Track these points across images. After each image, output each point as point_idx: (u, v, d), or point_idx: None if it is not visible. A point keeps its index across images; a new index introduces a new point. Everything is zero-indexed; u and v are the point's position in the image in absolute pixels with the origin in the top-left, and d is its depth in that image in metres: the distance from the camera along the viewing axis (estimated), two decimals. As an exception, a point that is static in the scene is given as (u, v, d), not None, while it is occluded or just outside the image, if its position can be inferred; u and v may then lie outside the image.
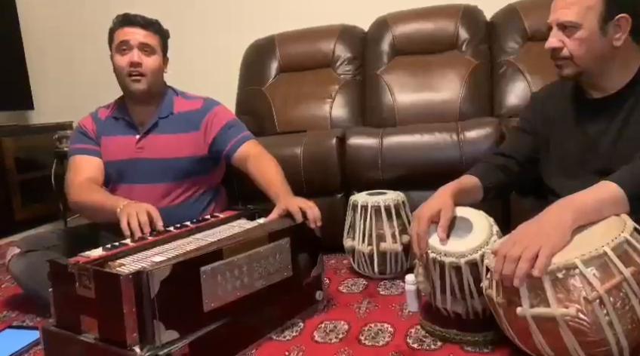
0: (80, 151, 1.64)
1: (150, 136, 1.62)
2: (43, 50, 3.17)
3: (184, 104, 1.68)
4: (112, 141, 1.64)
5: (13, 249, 1.52)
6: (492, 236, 1.13)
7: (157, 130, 1.62)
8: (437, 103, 2.17)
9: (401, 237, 1.59)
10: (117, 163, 1.61)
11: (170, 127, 1.63)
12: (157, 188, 1.59)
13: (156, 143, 1.61)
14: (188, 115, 1.65)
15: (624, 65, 1.14)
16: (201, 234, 1.32)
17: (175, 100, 1.68)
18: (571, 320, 0.87)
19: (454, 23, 2.27)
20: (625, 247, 0.90)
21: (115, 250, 1.18)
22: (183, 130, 1.63)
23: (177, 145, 1.61)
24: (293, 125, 2.28)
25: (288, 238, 1.29)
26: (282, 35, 2.54)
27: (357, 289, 1.56)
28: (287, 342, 1.23)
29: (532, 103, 1.39)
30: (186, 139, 1.63)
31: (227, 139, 1.63)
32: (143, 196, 1.56)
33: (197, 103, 1.69)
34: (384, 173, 1.80)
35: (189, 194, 1.64)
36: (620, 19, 1.09)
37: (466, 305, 1.15)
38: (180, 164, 1.61)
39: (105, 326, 1.04)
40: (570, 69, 1.14)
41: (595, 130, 1.19)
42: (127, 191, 1.59)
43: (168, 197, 1.61)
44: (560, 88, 1.30)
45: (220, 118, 1.66)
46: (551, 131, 1.28)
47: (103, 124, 1.66)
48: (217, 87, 2.59)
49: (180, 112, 1.66)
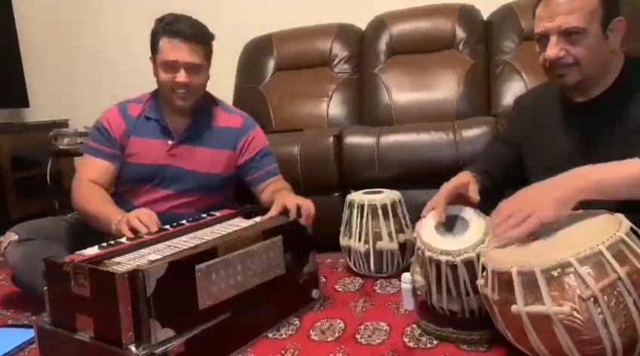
0: (92, 152, 1.57)
1: (185, 146, 1.57)
2: (38, 48, 3.15)
3: (224, 118, 1.64)
4: (142, 143, 1.56)
5: (10, 234, 1.47)
6: (488, 235, 1.13)
7: (193, 141, 1.57)
8: (434, 102, 2.17)
9: (397, 235, 1.59)
10: (144, 166, 1.56)
11: (207, 140, 1.58)
12: (180, 197, 1.57)
13: (190, 154, 1.57)
14: (226, 131, 1.61)
15: (611, 68, 1.14)
16: (197, 233, 1.32)
17: (215, 112, 1.63)
18: (565, 318, 0.87)
19: (451, 22, 2.28)
20: (620, 247, 0.90)
21: (111, 249, 1.18)
22: (220, 146, 1.60)
23: (211, 161, 1.58)
24: (290, 124, 2.28)
25: (281, 236, 1.29)
26: (279, 34, 2.54)
27: (353, 287, 1.56)
28: (284, 340, 1.24)
29: (516, 108, 1.40)
30: (221, 156, 1.60)
31: (259, 167, 1.62)
32: (161, 203, 1.55)
33: (237, 121, 1.65)
34: (381, 172, 1.80)
35: (208, 206, 1.61)
36: (616, 23, 1.09)
37: (462, 303, 1.15)
38: (210, 179, 1.59)
39: (100, 325, 1.04)
40: (575, 77, 1.10)
41: (581, 135, 1.19)
42: (147, 195, 1.57)
43: (188, 206, 1.58)
44: (544, 92, 1.30)
45: (256, 143, 1.64)
46: (537, 136, 1.28)
47: (134, 123, 1.58)
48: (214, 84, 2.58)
49: (217, 126, 1.61)
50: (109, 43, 2.95)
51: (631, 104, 1.11)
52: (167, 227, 1.34)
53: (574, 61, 1.09)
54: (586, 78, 1.12)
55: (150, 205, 1.53)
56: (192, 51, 1.47)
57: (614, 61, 1.14)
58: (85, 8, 3.02)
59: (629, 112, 1.11)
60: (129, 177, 1.58)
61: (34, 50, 3.15)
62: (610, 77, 1.14)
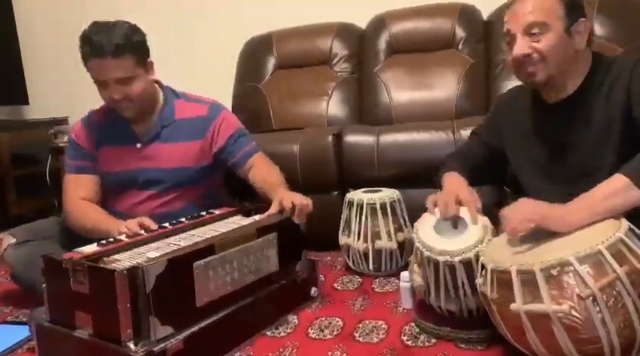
0: (74, 170, 1.58)
1: (153, 146, 1.56)
2: (38, 45, 3.15)
3: (187, 108, 1.61)
4: (112, 151, 1.57)
5: (8, 238, 1.48)
6: (486, 235, 1.13)
7: (160, 140, 1.56)
8: (433, 101, 2.17)
9: (396, 234, 1.59)
10: (119, 173, 1.56)
11: (173, 135, 1.56)
12: (160, 197, 1.56)
13: (160, 153, 1.55)
14: (192, 122, 1.59)
15: (579, 68, 1.17)
16: (195, 231, 1.32)
17: (177, 105, 1.61)
18: (564, 317, 0.87)
19: (451, 21, 2.27)
20: (619, 246, 0.90)
21: (110, 246, 1.18)
22: (188, 139, 1.57)
23: (182, 155, 1.57)
24: (289, 122, 2.28)
25: (275, 233, 1.30)
26: (279, 32, 2.54)
27: (352, 286, 1.57)
28: (282, 337, 1.24)
29: (495, 108, 1.43)
30: (191, 148, 1.57)
31: (235, 150, 1.59)
32: (146, 204, 1.55)
33: (202, 109, 1.61)
34: (380, 171, 1.80)
35: (192, 199, 1.61)
36: (581, 24, 1.12)
37: (460, 303, 1.15)
38: (185, 173, 1.57)
39: (99, 322, 1.04)
40: (543, 73, 1.13)
41: (556, 134, 1.21)
42: (130, 199, 1.56)
43: (171, 204, 1.57)
44: (520, 94, 1.33)
45: (227, 127, 1.60)
46: (515, 139, 1.31)
47: (100, 131, 1.59)
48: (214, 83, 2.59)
49: (183, 118, 1.58)
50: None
51: (599, 103, 1.14)
52: (166, 225, 1.34)
53: (540, 57, 1.12)
54: (554, 75, 1.14)
55: (136, 208, 1.54)
56: (118, 67, 1.42)
57: (582, 61, 1.17)
58: (85, 7, 3.01)
59: (597, 111, 1.14)
60: (108, 186, 1.58)
61: (34, 48, 3.15)
62: (579, 77, 1.17)
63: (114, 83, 1.44)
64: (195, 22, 2.84)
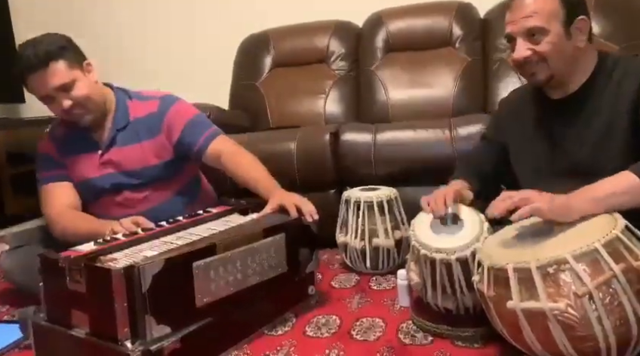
0: (48, 180, 1.55)
1: (113, 151, 1.53)
2: (34, 43, 3.14)
3: (140, 108, 1.57)
4: (75, 161, 1.55)
5: (2, 246, 1.50)
6: (483, 232, 1.13)
7: (118, 144, 1.53)
8: (430, 99, 2.17)
9: (393, 232, 1.59)
10: (86, 182, 1.54)
11: (130, 137, 1.53)
12: (131, 199, 1.54)
13: (120, 157, 1.53)
14: (146, 121, 1.55)
15: (583, 65, 1.17)
16: (193, 229, 1.32)
17: (130, 105, 1.57)
18: (560, 314, 0.88)
19: (448, 19, 2.28)
20: (616, 244, 0.90)
21: (107, 245, 1.17)
22: (145, 138, 1.53)
23: (142, 155, 1.53)
24: (286, 120, 2.27)
25: (283, 234, 1.29)
26: (276, 30, 2.53)
27: (349, 284, 1.57)
28: (279, 336, 1.24)
29: (500, 109, 1.44)
30: (150, 146, 1.54)
31: (193, 139, 1.53)
32: (119, 208, 1.53)
33: (153, 105, 1.56)
34: (377, 169, 1.80)
35: (167, 197, 1.58)
36: (580, 22, 1.13)
37: (457, 300, 1.15)
38: (149, 172, 1.54)
39: (96, 321, 1.03)
40: (544, 74, 1.15)
41: (559, 131, 1.21)
42: (103, 206, 1.54)
43: (143, 203, 1.55)
44: (525, 92, 1.33)
45: (180, 117, 1.55)
46: (518, 136, 1.31)
47: (62, 143, 1.57)
48: (211, 81, 2.59)
49: (137, 118, 1.55)
50: (104, 40, 2.93)
51: (604, 100, 1.14)
52: (163, 223, 1.34)
53: (540, 58, 1.13)
54: (555, 74, 1.15)
55: (116, 210, 1.52)
56: (52, 75, 1.40)
57: (586, 59, 1.17)
58: (82, 6, 3.00)
59: (602, 109, 1.14)
60: (82, 195, 1.56)
61: (29, 46, 3.13)
62: (583, 74, 1.17)
63: (56, 92, 1.42)
64: (192, 20, 2.83)
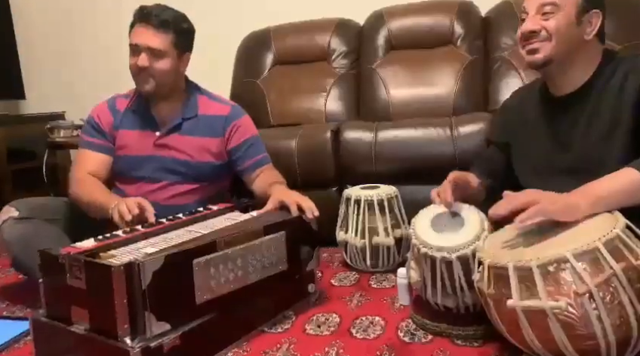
0: (88, 146, 1.60)
1: (173, 136, 1.58)
2: (34, 40, 3.13)
3: (210, 106, 1.64)
4: (130, 135, 1.59)
5: (10, 209, 1.46)
6: (483, 231, 1.13)
7: (180, 131, 1.58)
8: (431, 98, 2.17)
9: (393, 231, 1.59)
10: (133, 158, 1.57)
11: (194, 129, 1.59)
12: (169, 188, 1.57)
13: (179, 144, 1.57)
14: (213, 119, 1.61)
15: (587, 62, 1.18)
16: (194, 226, 1.32)
17: (200, 100, 1.63)
18: (560, 313, 0.87)
19: (450, 18, 2.27)
20: (616, 243, 0.90)
21: (107, 241, 1.17)
22: (208, 135, 1.59)
23: (201, 149, 1.58)
24: (287, 118, 2.27)
25: (284, 232, 1.29)
26: (278, 28, 2.53)
27: (349, 282, 1.57)
28: (279, 334, 1.24)
29: (502, 111, 1.44)
30: (210, 144, 1.59)
31: (246, 156, 1.62)
32: (154, 193, 1.55)
33: (224, 109, 1.64)
34: (378, 167, 1.80)
35: (199, 197, 1.61)
36: (593, 15, 1.14)
37: (457, 299, 1.15)
38: (201, 168, 1.59)
39: (96, 318, 1.03)
40: (544, 52, 1.15)
41: (561, 129, 1.21)
42: (140, 186, 1.57)
43: (178, 197, 1.58)
44: (527, 92, 1.34)
45: (243, 131, 1.63)
46: (521, 135, 1.31)
47: (122, 116, 1.61)
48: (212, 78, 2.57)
49: (205, 115, 1.61)
50: (105, 35, 2.93)
51: (607, 98, 1.14)
52: (163, 220, 1.34)
53: (547, 35, 1.15)
54: (555, 58, 1.15)
55: (145, 196, 1.51)
56: (154, 36, 1.49)
57: (590, 55, 1.17)
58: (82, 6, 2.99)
59: (605, 106, 1.14)
60: (120, 170, 1.60)
61: (31, 42, 3.13)
62: (587, 71, 1.18)
63: (145, 51, 1.49)
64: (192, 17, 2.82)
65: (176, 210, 1.42)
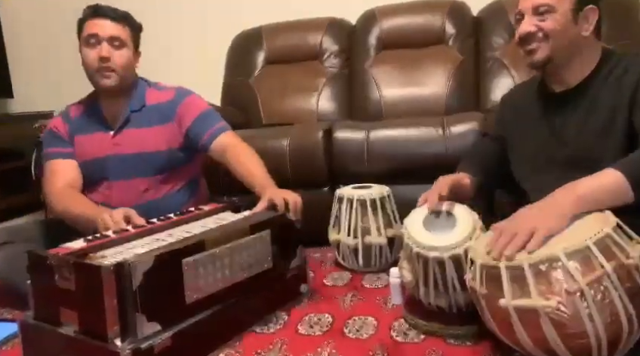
0: (54, 156, 1.59)
1: (125, 131, 1.57)
2: (22, 38, 3.09)
3: (156, 95, 1.63)
4: (86, 139, 1.59)
5: None
6: (476, 231, 1.13)
7: (131, 125, 1.58)
8: (423, 97, 2.18)
9: (386, 230, 1.59)
10: (94, 161, 1.57)
11: (143, 120, 1.58)
12: (136, 184, 1.56)
13: (132, 138, 1.56)
14: (160, 107, 1.60)
15: (586, 58, 1.18)
16: (184, 227, 1.31)
17: (147, 92, 1.63)
18: (552, 312, 0.88)
19: (441, 17, 2.28)
20: (607, 242, 0.91)
21: (97, 242, 1.16)
22: (157, 123, 1.58)
23: (154, 139, 1.57)
24: (279, 117, 2.27)
25: (269, 230, 1.29)
26: (269, 27, 2.52)
27: (341, 282, 1.56)
28: (271, 334, 1.23)
29: (501, 105, 1.44)
30: (162, 132, 1.58)
31: (202, 130, 1.58)
32: (123, 192, 1.54)
33: (169, 94, 1.63)
34: (370, 167, 1.80)
35: (170, 187, 1.61)
36: (589, 11, 1.15)
37: (449, 299, 1.15)
38: (158, 157, 1.58)
39: (85, 319, 1.02)
40: (544, 52, 1.16)
41: (558, 124, 1.22)
42: (106, 188, 1.56)
43: (148, 192, 1.57)
44: (526, 87, 1.34)
45: (193, 108, 1.61)
46: (518, 130, 1.31)
47: (75, 122, 1.61)
48: (203, 77, 2.56)
49: (152, 104, 1.60)
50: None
51: (605, 95, 1.15)
52: (154, 220, 1.33)
53: (543, 36, 1.15)
54: (554, 56, 1.16)
55: (114, 199, 1.53)
56: (116, 27, 1.51)
57: (589, 51, 1.18)
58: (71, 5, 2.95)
59: (602, 103, 1.15)
60: (84, 176, 1.59)
61: (18, 41, 3.09)
62: (585, 67, 1.18)
63: (107, 41, 1.50)
64: (184, 16, 2.81)
65: (156, 205, 1.43)
